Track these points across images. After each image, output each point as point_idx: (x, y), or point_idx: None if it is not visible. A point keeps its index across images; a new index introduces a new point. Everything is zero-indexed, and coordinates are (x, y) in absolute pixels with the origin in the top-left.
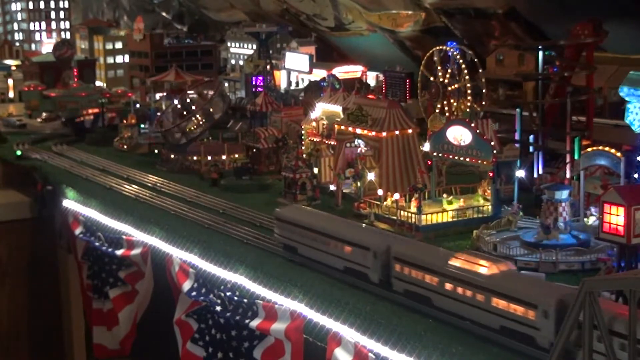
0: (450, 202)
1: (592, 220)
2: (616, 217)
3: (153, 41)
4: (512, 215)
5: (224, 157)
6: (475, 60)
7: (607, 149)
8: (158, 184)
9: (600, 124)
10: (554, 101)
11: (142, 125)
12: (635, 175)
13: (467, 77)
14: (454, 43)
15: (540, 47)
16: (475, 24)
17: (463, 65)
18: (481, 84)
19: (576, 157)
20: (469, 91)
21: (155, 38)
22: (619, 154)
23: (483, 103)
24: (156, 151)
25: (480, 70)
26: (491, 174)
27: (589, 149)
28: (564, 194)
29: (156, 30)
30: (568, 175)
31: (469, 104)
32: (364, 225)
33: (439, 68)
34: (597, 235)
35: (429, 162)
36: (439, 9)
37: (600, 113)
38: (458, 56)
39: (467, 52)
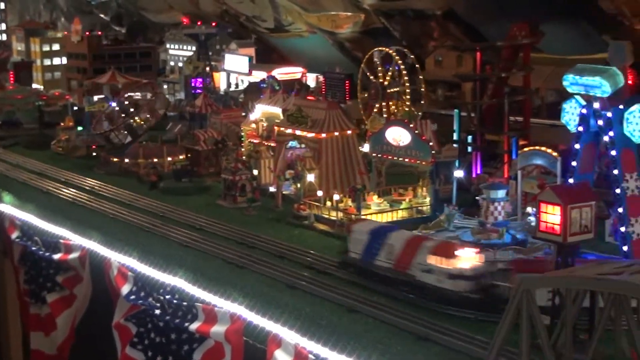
0: (388, 203)
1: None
2: (552, 216)
3: (91, 43)
4: (446, 216)
5: (163, 159)
6: (415, 61)
7: (543, 148)
8: (96, 187)
9: (537, 124)
10: (491, 102)
11: (80, 128)
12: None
13: (406, 79)
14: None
15: (478, 48)
16: (414, 26)
17: (402, 67)
18: (420, 85)
19: (514, 157)
20: (407, 92)
21: (93, 40)
22: (555, 154)
23: (422, 103)
24: (95, 154)
25: (419, 71)
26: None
27: (526, 149)
28: (501, 194)
29: (94, 31)
30: (506, 175)
31: (408, 104)
32: None
33: (379, 69)
34: (534, 235)
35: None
36: (378, 10)
37: (537, 113)
38: (397, 58)
39: (406, 54)
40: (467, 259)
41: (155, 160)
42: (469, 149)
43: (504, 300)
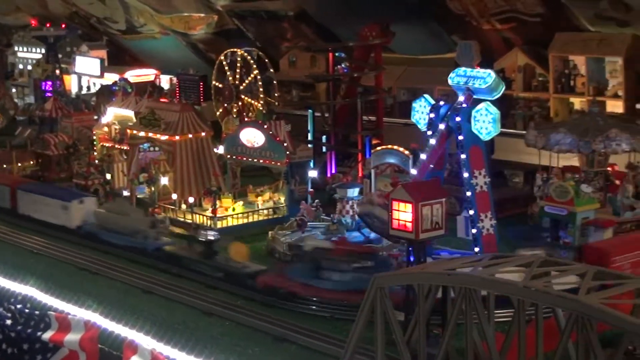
0: (244, 204)
1: None
2: (404, 213)
3: None
4: (306, 210)
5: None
6: (267, 62)
7: (396, 147)
8: None
9: (390, 123)
10: (344, 102)
11: None
12: (414, 171)
13: (259, 79)
14: (246, 45)
15: (330, 48)
16: (267, 26)
17: (255, 67)
18: (273, 85)
19: (367, 155)
20: (261, 93)
21: None
22: (407, 152)
23: (276, 104)
24: None
25: (272, 72)
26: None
27: (379, 148)
28: (354, 192)
29: None
30: (360, 174)
31: (261, 105)
32: None
33: (232, 71)
34: (388, 232)
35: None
36: (231, 11)
37: (390, 112)
38: (250, 59)
39: (260, 55)
40: None
41: (5, 166)
42: (324, 148)
43: None
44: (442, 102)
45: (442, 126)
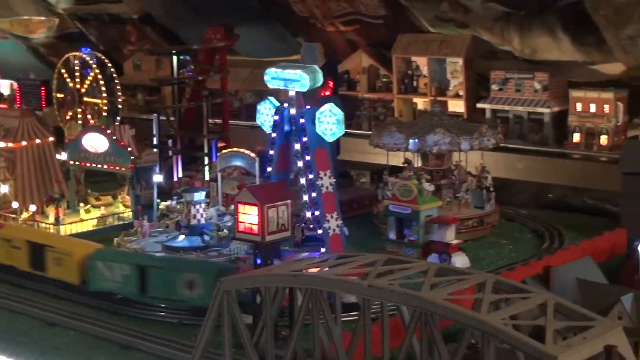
0: (88, 211)
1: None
2: (250, 216)
3: None
4: (138, 226)
5: None
6: (111, 66)
7: (242, 150)
8: None
9: (236, 126)
10: (190, 105)
11: None
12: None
13: (102, 84)
14: (89, 49)
15: (174, 51)
16: (110, 30)
17: (98, 71)
18: (117, 89)
19: (213, 159)
20: (104, 97)
21: None
22: (253, 155)
23: (120, 109)
24: None
25: (115, 76)
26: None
27: (225, 151)
28: (200, 196)
29: None
30: (207, 177)
31: (105, 110)
32: None
33: (75, 75)
34: (234, 235)
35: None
36: (73, 14)
37: (237, 115)
38: (92, 62)
39: (102, 58)
40: None
41: None
42: (170, 152)
43: None
44: (286, 105)
45: (286, 128)
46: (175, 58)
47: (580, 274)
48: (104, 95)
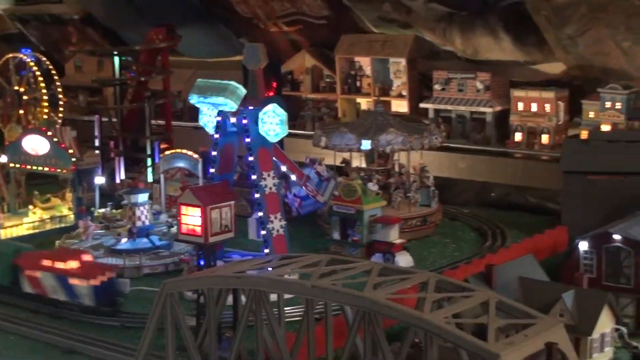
0: (35, 213)
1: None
2: (193, 217)
3: None
4: (83, 227)
5: None
6: (51, 67)
7: (184, 151)
8: None
9: (179, 127)
10: (132, 106)
11: None
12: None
13: (42, 85)
14: (29, 50)
15: (116, 52)
16: (51, 30)
17: (38, 73)
18: (57, 91)
19: (156, 160)
20: (45, 99)
21: None
22: (196, 156)
23: (61, 110)
24: None
25: (56, 77)
26: None
27: (168, 152)
28: (143, 198)
29: None
30: (150, 179)
31: (46, 111)
32: None
33: (14, 76)
34: (177, 237)
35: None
36: (12, 15)
37: (179, 116)
38: (32, 64)
39: (42, 60)
40: None
41: None
42: (112, 154)
43: None
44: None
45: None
46: (117, 59)
47: (522, 272)
48: (44, 97)
